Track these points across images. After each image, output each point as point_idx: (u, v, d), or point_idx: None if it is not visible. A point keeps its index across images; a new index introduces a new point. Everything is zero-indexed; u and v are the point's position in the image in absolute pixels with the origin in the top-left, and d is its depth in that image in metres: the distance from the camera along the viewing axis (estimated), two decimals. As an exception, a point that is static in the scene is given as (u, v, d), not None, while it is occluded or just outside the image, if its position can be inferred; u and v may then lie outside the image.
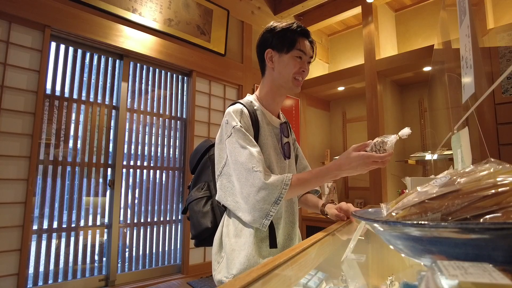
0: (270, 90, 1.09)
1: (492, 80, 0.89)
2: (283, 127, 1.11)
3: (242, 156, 0.94)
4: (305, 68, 1.05)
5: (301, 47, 1.03)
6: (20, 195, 1.87)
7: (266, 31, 1.07)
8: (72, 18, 2.13)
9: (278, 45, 1.04)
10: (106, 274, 2.27)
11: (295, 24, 1.04)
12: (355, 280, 0.74)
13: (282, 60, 1.04)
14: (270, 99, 1.10)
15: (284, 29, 1.04)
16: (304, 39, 1.05)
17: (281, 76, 1.05)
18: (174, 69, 2.82)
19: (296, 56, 1.03)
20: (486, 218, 0.32)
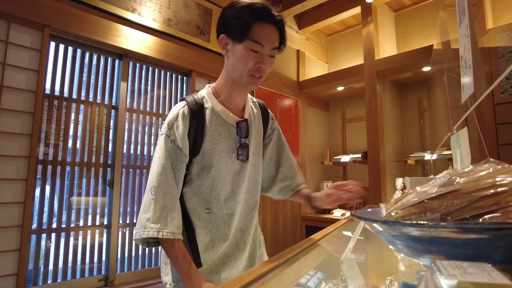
0: (226, 83, 0.94)
1: (491, 80, 0.89)
2: (240, 126, 0.94)
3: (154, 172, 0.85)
4: (263, 63, 0.85)
5: (256, 36, 0.82)
6: (19, 195, 1.87)
7: (224, 8, 0.87)
8: (72, 18, 2.13)
9: (232, 31, 0.84)
10: (106, 274, 2.27)
11: (257, 5, 0.83)
12: (354, 280, 0.75)
13: (235, 51, 0.85)
14: (226, 94, 0.94)
15: (238, 12, 0.82)
16: (263, 25, 0.83)
17: (234, 69, 0.88)
18: (174, 69, 2.82)
19: (250, 48, 0.83)
20: (485, 218, 0.32)
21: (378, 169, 3.13)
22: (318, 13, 3.83)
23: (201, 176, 0.93)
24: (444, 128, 1.88)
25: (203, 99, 0.94)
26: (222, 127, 0.93)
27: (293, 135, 3.78)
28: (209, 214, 0.94)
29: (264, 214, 3.36)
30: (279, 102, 3.64)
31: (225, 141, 0.93)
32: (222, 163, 0.92)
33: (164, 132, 0.88)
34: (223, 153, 0.93)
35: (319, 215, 3.73)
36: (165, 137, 0.87)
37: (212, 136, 0.91)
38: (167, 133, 0.87)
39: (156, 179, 0.84)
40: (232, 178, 0.95)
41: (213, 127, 0.92)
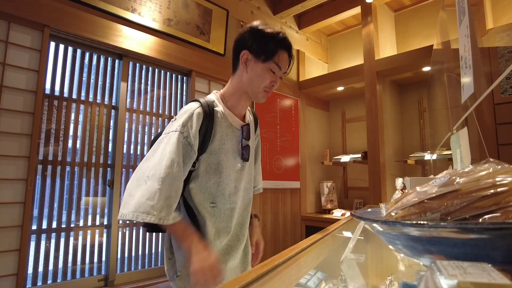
0: (236, 91, 1.06)
1: (491, 80, 0.89)
2: (244, 129, 1.07)
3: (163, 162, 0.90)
4: (276, 82, 1.03)
5: (279, 61, 1.00)
6: (19, 195, 1.87)
7: (250, 30, 1.01)
8: (71, 18, 2.13)
9: (257, 51, 0.99)
10: (106, 274, 2.27)
11: (281, 35, 1.00)
12: (354, 280, 0.75)
13: (256, 68, 1.00)
14: (234, 101, 1.06)
15: (268, 37, 0.98)
16: (284, 53, 1.02)
17: (251, 84, 1.02)
18: (174, 69, 2.82)
19: (271, 69, 1.00)
20: (485, 218, 0.32)
21: (378, 169, 3.13)
22: (318, 13, 3.83)
23: (208, 172, 1.02)
24: (444, 128, 1.88)
25: (213, 103, 1.04)
26: (229, 129, 1.04)
27: (293, 135, 3.78)
28: (214, 208, 1.03)
29: (264, 214, 3.36)
30: (279, 102, 3.64)
31: (231, 142, 1.05)
32: (228, 161, 1.03)
33: (178, 129, 0.94)
34: (229, 153, 1.03)
35: (319, 215, 3.73)
36: (179, 133, 0.93)
37: (221, 136, 1.02)
38: (181, 130, 0.94)
39: (164, 171, 0.89)
40: (235, 176, 1.06)
41: (222, 128, 1.02)
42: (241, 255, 1.14)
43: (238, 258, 1.11)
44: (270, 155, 3.47)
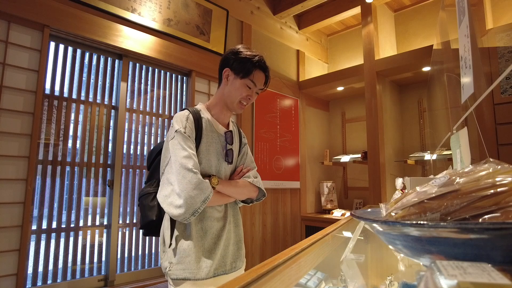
0: (218, 102, 1.24)
1: (491, 80, 0.89)
2: (227, 135, 1.22)
3: (182, 156, 1.05)
4: (252, 96, 1.20)
5: (254, 78, 1.17)
6: (19, 195, 1.87)
7: (232, 52, 1.20)
8: (71, 18, 2.13)
9: (236, 69, 1.17)
10: (105, 274, 2.27)
11: (257, 57, 1.17)
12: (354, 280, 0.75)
13: (235, 83, 1.18)
14: (218, 110, 1.24)
15: (246, 58, 1.16)
16: (260, 72, 1.18)
17: (229, 96, 1.19)
18: (174, 69, 2.82)
19: (247, 84, 1.17)
20: (485, 218, 0.32)
21: (378, 169, 3.13)
22: (318, 13, 3.84)
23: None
24: (444, 128, 1.88)
25: (200, 112, 1.20)
26: (214, 133, 1.20)
27: (293, 135, 3.78)
28: None
29: (264, 214, 3.36)
30: (279, 102, 3.64)
31: (216, 145, 1.19)
32: (211, 161, 1.17)
33: (178, 128, 1.09)
34: (213, 154, 1.18)
35: (319, 215, 3.73)
36: (182, 133, 1.09)
37: (207, 139, 1.17)
38: (182, 131, 1.09)
39: (192, 163, 1.05)
40: (217, 175, 1.19)
41: (208, 133, 1.18)
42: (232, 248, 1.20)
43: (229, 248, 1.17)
44: (270, 155, 3.47)
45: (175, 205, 1.01)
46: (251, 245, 3.18)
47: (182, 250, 1.07)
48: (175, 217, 1.02)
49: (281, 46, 3.82)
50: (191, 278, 1.05)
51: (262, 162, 3.35)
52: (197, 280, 1.06)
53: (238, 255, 1.21)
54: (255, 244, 3.23)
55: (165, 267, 1.10)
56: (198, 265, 1.07)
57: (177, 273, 1.06)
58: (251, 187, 1.23)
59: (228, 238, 1.18)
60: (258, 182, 1.28)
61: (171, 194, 1.04)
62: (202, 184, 1.02)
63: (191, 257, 1.07)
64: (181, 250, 1.07)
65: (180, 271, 1.06)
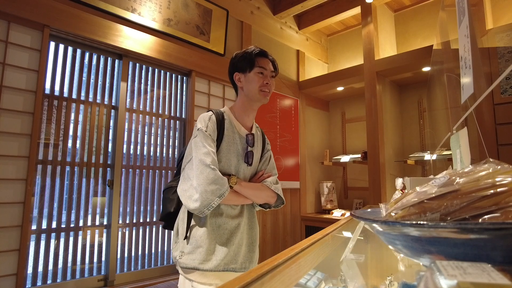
0: (242, 105, 1.27)
1: (491, 80, 0.89)
2: (249, 137, 1.26)
3: (202, 153, 1.10)
4: (269, 80, 1.23)
5: (261, 64, 1.22)
6: (19, 195, 1.87)
7: (231, 59, 1.27)
8: (71, 18, 2.13)
9: (242, 67, 1.23)
10: (105, 274, 2.27)
11: (252, 47, 1.24)
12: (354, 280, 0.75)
13: (248, 79, 1.22)
14: (242, 112, 1.28)
15: (244, 54, 1.23)
16: (262, 58, 1.23)
17: (249, 92, 1.22)
18: (174, 69, 2.82)
19: (258, 72, 1.21)
20: (484, 218, 0.32)
21: (378, 169, 3.13)
22: (318, 13, 3.84)
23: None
24: (443, 128, 1.88)
25: (224, 113, 1.26)
26: (236, 135, 1.24)
27: (293, 135, 3.78)
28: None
29: (264, 214, 3.36)
30: (279, 102, 3.64)
31: (236, 146, 1.23)
32: (231, 160, 1.20)
33: (201, 127, 1.16)
34: (234, 154, 1.21)
35: (319, 215, 3.73)
36: (204, 132, 1.15)
37: (228, 139, 1.21)
38: (204, 129, 1.15)
39: (210, 160, 1.10)
40: (236, 175, 1.21)
41: (230, 133, 1.22)
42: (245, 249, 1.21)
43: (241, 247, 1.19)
44: (270, 155, 3.46)
45: (193, 199, 1.06)
46: (251, 245, 3.18)
47: (195, 240, 1.12)
48: (191, 210, 1.07)
49: (281, 46, 3.82)
50: (200, 268, 1.08)
51: (262, 162, 3.35)
52: (206, 271, 1.09)
53: (250, 257, 1.22)
54: (255, 244, 3.23)
55: (175, 256, 1.14)
56: (208, 257, 1.10)
57: (187, 262, 1.10)
58: (269, 192, 1.24)
59: (241, 238, 1.19)
60: (278, 188, 1.29)
61: (190, 188, 1.09)
62: (218, 180, 1.07)
63: (202, 248, 1.11)
64: (194, 241, 1.12)
65: (190, 260, 1.10)
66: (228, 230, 1.17)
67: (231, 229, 1.18)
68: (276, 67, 1.27)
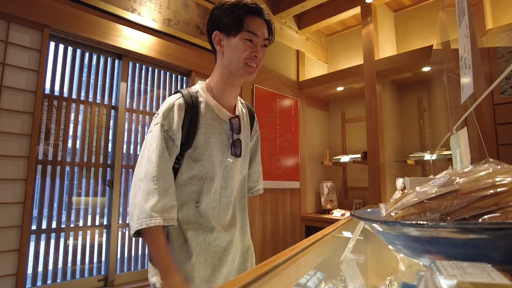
0: (221, 78, 0.98)
1: (491, 80, 0.89)
2: (233, 122, 0.97)
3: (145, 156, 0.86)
4: (258, 52, 0.91)
5: (251, 27, 0.89)
6: (19, 195, 1.87)
7: (215, 7, 0.94)
8: (71, 18, 2.13)
9: (225, 26, 0.91)
10: (105, 274, 2.27)
11: (243, 2, 0.90)
12: (354, 280, 0.75)
13: (231, 44, 0.91)
14: (221, 89, 0.98)
15: (231, 7, 0.90)
16: (255, 18, 0.91)
17: (230, 62, 0.93)
18: (173, 69, 2.82)
19: (245, 38, 0.90)
20: (484, 218, 0.32)
21: (378, 169, 3.13)
22: (318, 13, 3.83)
23: (193, 169, 0.92)
24: (443, 128, 1.88)
25: (197, 93, 0.96)
26: (215, 121, 0.95)
27: (292, 135, 3.78)
28: (198, 208, 0.93)
29: (264, 214, 3.36)
30: (279, 102, 3.64)
31: (218, 135, 0.95)
32: (214, 157, 0.94)
33: (159, 121, 0.88)
34: (216, 147, 0.94)
35: (319, 215, 3.73)
36: (160, 126, 0.87)
37: (206, 129, 0.93)
38: (162, 123, 0.88)
39: (157, 168, 0.83)
40: (223, 173, 0.97)
41: (207, 121, 0.94)
42: (238, 261, 1.03)
43: (235, 263, 1.01)
44: (270, 155, 3.47)
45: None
46: (251, 245, 3.18)
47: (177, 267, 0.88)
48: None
49: (281, 46, 3.82)
50: None
51: (262, 162, 3.34)
52: None
53: (244, 268, 1.03)
54: (255, 244, 3.23)
55: (154, 283, 0.90)
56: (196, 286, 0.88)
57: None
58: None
59: (235, 252, 0.99)
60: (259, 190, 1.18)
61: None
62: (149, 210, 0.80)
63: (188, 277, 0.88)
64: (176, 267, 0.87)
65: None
66: (220, 248, 0.94)
67: (224, 246, 0.95)
68: (272, 31, 0.96)
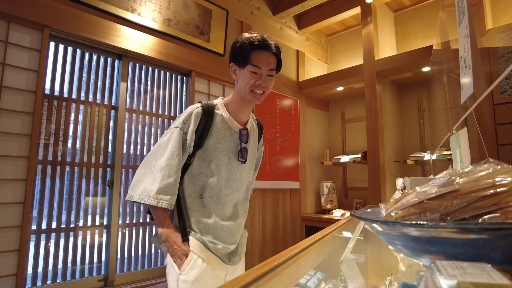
0: (236, 99, 1.18)
1: (490, 80, 0.89)
2: (242, 133, 1.18)
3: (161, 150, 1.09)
4: (262, 80, 1.10)
5: (255, 62, 1.08)
6: (19, 195, 1.87)
7: (232, 43, 1.14)
8: (71, 18, 2.13)
9: (237, 59, 1.11)
10: (105, 274, 2.27)
11: (254, 37, 1.09)
12: (354, 280, 0.75)
13: (241, 75, 1.12)
14: (235, 107, 1.18)
15: (242, 44, 1.09)
16: (261, 52, 1.08)
17: (241, 89, 1.13)
18: (173, 69, 2.82)
19: (251, 71, 1.09)
20: (484, 218, 0.32)
21: (378, 169, 3.13)
22: (318, 13, 3.83)
23: (201, 166, 1.13)
24: (443, 128, 1.88)
25: (215, 106, 1.17)
26: (227, 131, 1.16)
27: (292, 135, 3.78)
28: (202, 199, 1.13)
29: (264, 214, 3.36)
30: (279, 102, 3.64)
31: (227, 142, 1.15)
32: (221, 159, 1.13)
33: (178, 125, 1.11)
34: (224, 152, 1.14)
35: (319, 215, 3.73)
36: (179, 130, 1.10)
37: (217, 136, 1.13)
38: (181, 127, 1.10)
39: (166, 162, 1.06)
40: (227, 174, 1.15)
41: (219, 129, 1.14)
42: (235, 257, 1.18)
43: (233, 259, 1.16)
44: (270, 155, 3.47)
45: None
46: (250, 245, 3.17)
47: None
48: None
49: (281, 46, 3.81)
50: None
51: (262, 162, 3.34)
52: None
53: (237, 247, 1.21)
54: (255, 244, 3.23)
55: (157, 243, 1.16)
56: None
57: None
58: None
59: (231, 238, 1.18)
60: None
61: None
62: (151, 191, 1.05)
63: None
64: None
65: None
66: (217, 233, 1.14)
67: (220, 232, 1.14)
68: (279, 61, 1.13)
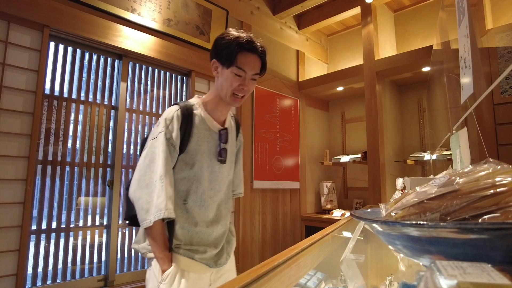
0: (214, 98, 1.12)
1: (490, 80, 0.89)
2: (221, 133, 1.13)
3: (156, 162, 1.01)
4: (245, 84, 1.04)
5: (241, 64, 1.01)
6: (19, 195, 1.87)
7: (217, 38, 1.08)
8: (71, 18, 2.13)
9: (222, 57, 1.04)
10: (105, 274, 2.27)
11: (242, 38, 1.02)
12: (354, 280, 0.75)
13: (223, 74, 1.05)
14: (213, 106, 1.12)
15: (229, 42, 1.02)
16: (248, 55, 1.02)
17: (221, 89, 1.07)
18: (173, 69, 2.82)
19: (235, 73, 1.02)
20: (484, 218, 0.32)
21: (378, 169, 3.13)
22: (318, 13, 3.83)
23: (184, 171, 1.08)
24: (443, 128, 1.88)
25: (193, 106, 1.10)
26: (206, 131, 1.10)
27: (292, 135, 3.78)
28: (185, 205, 1.07)
29: (264, 214, 3.36)
30: (279, 102, 3.64)
31: (208, 143, 1.10)
32: (203, 162, 1.08)
33: (162, 130, 1.03)
34: (205, 154, 1.09)
35: (319, 215, 3.73)
36: (164, 134, 1.02)
37: (198, 138, 1.08)
38: (165, 131, 1.02)
39: (164, 169, 0.99)
40: (209, 176, 1.11)
41: (199, 130, 1.08)
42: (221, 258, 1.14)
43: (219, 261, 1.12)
44: (270, 155, 3.47)
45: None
46: (250, 245, 3.17)
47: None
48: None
49: (281, 46, 3.82)
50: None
51: (261, 162, 3.35)
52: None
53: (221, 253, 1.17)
54: (255, 244, 3.23)
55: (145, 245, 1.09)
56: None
57: None
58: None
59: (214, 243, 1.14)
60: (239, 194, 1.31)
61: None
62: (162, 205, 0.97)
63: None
64: None
65: None
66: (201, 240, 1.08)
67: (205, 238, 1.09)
68: (264, 66, 1.08)
